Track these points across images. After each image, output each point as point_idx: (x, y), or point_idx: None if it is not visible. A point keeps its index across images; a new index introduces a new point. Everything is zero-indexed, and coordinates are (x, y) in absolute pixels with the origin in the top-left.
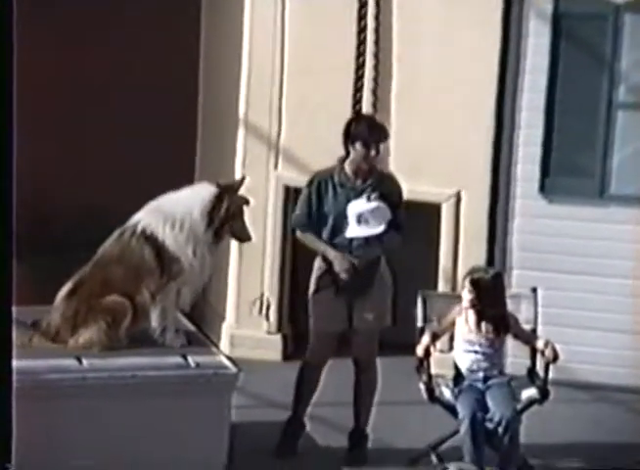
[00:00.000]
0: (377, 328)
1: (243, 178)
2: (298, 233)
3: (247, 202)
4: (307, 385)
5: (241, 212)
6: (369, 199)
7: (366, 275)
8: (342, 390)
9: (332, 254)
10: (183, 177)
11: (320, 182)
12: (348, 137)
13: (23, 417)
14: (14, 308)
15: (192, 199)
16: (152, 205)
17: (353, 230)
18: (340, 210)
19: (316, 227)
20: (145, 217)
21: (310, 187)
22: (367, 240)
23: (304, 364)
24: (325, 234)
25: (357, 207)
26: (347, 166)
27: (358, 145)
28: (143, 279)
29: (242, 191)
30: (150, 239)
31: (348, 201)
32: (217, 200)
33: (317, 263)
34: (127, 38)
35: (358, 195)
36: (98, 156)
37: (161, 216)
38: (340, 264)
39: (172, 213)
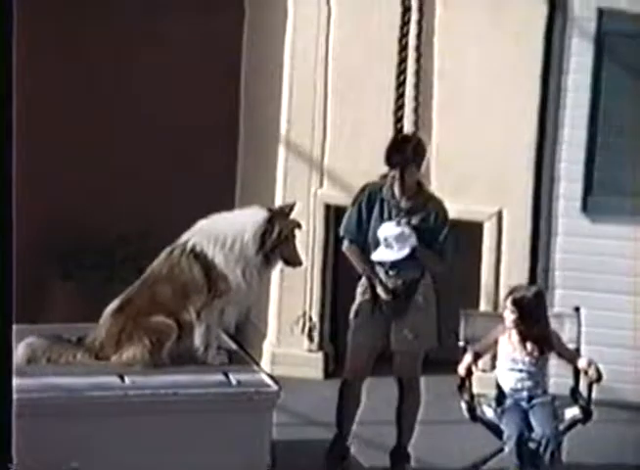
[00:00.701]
0: (417, 349)
1: (294, 204)
2: (346, 244)
3: (298, 226)
4: (347, 403)
5: (292, 237)
6: (398, 223)
7: (404, 296)
8: (384, 408)
9: (372, 275)
10: (224, 197)
11: (370, 193)
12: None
13: (65, 434)
14: (59, 326)
15: (244, 221)
16: (201, 223)
17: (379, 253)
18: (374, 230)
19: (362, 240)
20: (195, 236)
21: (361, 196)
22: (403, 261)
23: (343, 382)
24: (368, 248)
25: (385, 230)
26: (397, 183)
27: (388, 166)
28: (190, 297)
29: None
30: (199, 257)
31: (390, 218)
32: (269, 224)
33: (361, 280)
34: (167, 56)
35: (400, 214)
36: (141, 174)
37: (212, 236)
38: (380, 285)
39: (224, 234)
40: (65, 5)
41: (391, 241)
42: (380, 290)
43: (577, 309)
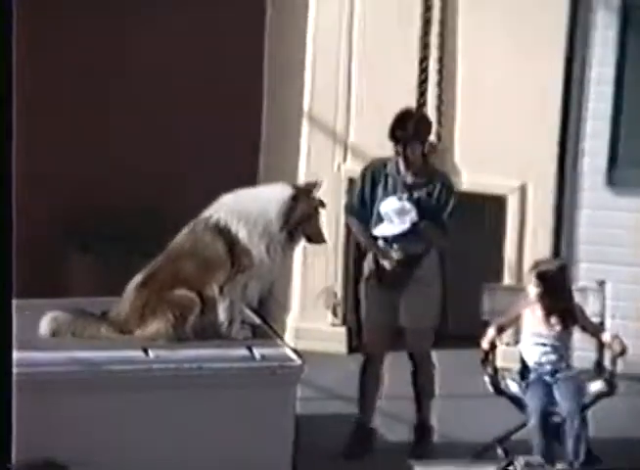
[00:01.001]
0: (423, 324)
1: (318, 182)
2: (348, 219)
3: (322, 204)
4: (368, 381)
5: (316, 215)
6: (400, 198)
7: (408, 271)
8: (406, 383)
9: (374, 248)
10: (246, 172)
11: (374, 171)
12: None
13: (89, 409)
14: (82, 299)
15: (269, 198)
16: (225, 198)
17: (380, 228)
18: (378, 207)
19: (366, 215)
20: (218, 211)
21: (365, 174)
22: (405, 236)
23: (364, 360)
24: (372, 223)
25: (387, 205)
26: (401, 160)
27: (391, 141)
28: (213, 272)
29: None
30: (223, 232)
31: (395, 193)
32: (294, 201)
33: (367, 258)
34: (190, 28)
35: (404, 189)
36: (164, 148)
37: (236, 211)
38: (383, 256)
39: (248, 210)
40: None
41: (392, 215)
42: (383, 261)
43: (602, 283)
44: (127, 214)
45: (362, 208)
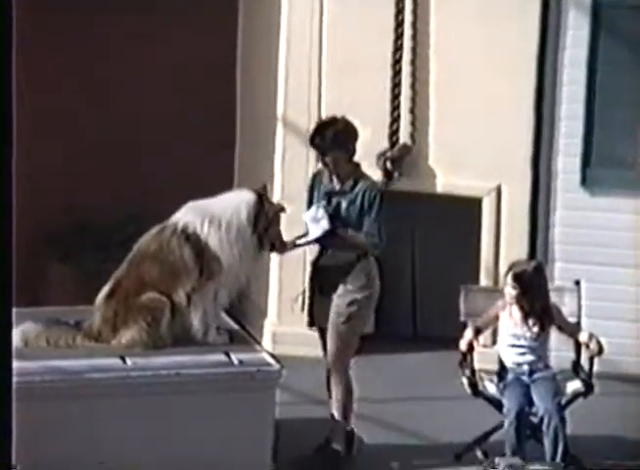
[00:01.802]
0: (344, 331)
1: (265, 185)
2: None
3: (282, 209)
4: (331, 384)
5: (278, 220)
6: (317, 207)
7: (335, 278)
8: (388, 385)
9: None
10: (222, 177)
11: (314, 179)
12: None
13: (66, 417)
14: (56, 309)
15: (237, 202)
16: (192, 205)
17: (304, 236)
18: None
19: None
20: (186, 216)
21: (311, 184)
22: (334, 244)
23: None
24: None
25: (306, 214)
26: (325, 168)
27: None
28: (180, 278)
29: (282, 187)
30: (190, 238)
31: (336, 202)
32: (260, 205)
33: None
34: (162, 37)
35: (325, 197)
36: (139, 156)
37: (206, 217)
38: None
39: (218, 215)
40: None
41: (309, 223)
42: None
43: (578, 283)
44: (107, 224)
45: None
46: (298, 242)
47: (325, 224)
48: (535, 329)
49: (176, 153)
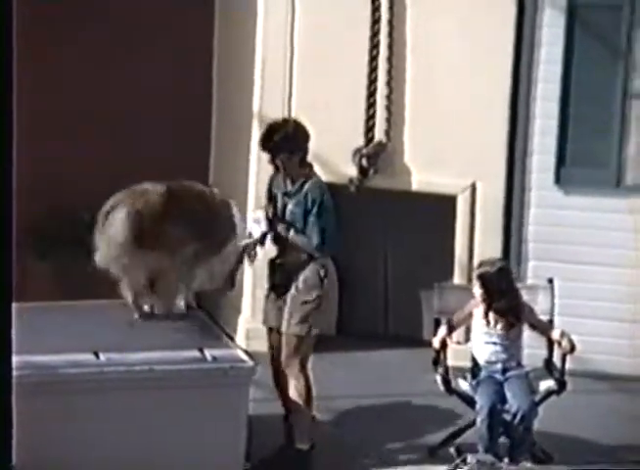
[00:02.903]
0: (298, 331)
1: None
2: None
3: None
4: (280, 379)
5: None
6: (263, 209)
7: (287, 278)
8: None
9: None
10: (198, 174)
11: (271, 182)
12: None
13: (40, 412)
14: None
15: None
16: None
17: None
18: (276, 211)
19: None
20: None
21: (267, 187)
22: (284, 244)
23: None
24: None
25: (249, 216)
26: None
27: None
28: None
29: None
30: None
31: (284, 203)
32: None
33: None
34: (139, 37)
35: (284, 197)
36: (113, 152)
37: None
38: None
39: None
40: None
41: (252, 225)
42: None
43: (551, 281)
44: (81, 220)
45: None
46: (244, 242)
47: (264, 227)
48: (505, 328)
49: (152, 150)
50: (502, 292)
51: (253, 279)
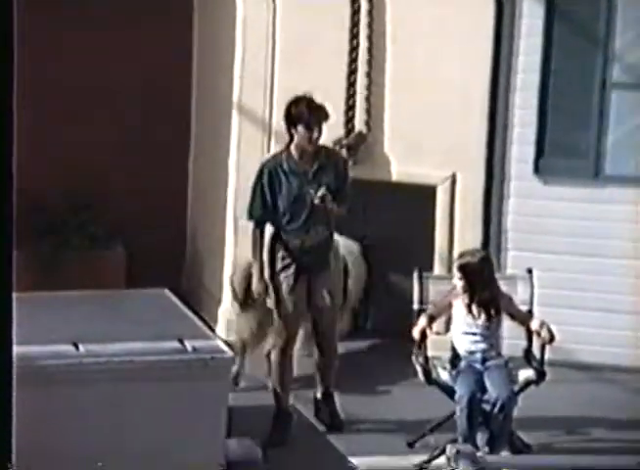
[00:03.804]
0: (335, 303)
1: None
2: (253, 230)
3: None
4: (288, 371)
5: None
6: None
7: (321, 254)
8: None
9: (257, 276)
10: (176, 164)
11: (270, 172)
12: (290, 120)
13: (19, 403)
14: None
15: None
16: None
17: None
18: (294, 197)
19: (272, 216)
20: None
21: (262, 179)
22: (319, 220)
23: (282, 352)
24: (281, 221)
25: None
26: (294, 151)
27: (301, 127)
28: None
29: (237, 172)
30: None
31: (301, 187)
32: None
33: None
34: (120, 22)
35: (312, 180)
36: (93, 141)
37: None
38: (255, 284)
39: None
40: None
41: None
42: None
43: (530, 271)
44: (61, 208)
45: (265, 214)
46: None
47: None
48: (486, 318)
49: (130, 139)
50: (484, 282)
51: (234, 270)
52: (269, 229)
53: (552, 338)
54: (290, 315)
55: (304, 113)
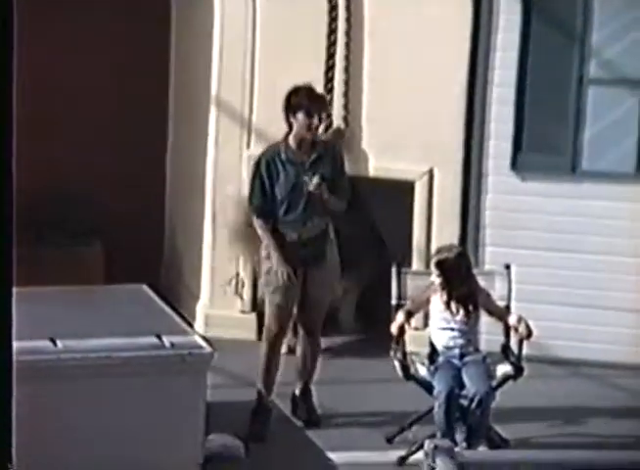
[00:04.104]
0: (328, 297)
1: None
2: (256, 220)
3: None
4: (274, 365)
5: None
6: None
7: (319, 246)
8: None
9: (275, 257)
10: (154, 159)
11: (268, 162)
12: (289, 109)
13: None
14: None
15: None
16: None
17: None
18: (291, 186)
19: (271, 206)
20: None
21: (260, 170)
22: (316, 211)
23: (270, 346)
24: (279, 212)
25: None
26: (292, 141)
27: (300, 115)
28: None
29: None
30: None
31: (298, 176)
32: None
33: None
34: (95, 18)
35: (308, 170)
36: (69, 137)
37: None
38: (280, 266)
39: None
40: None
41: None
42: (278, 269)
43: (508, 267)
44: (36, 202)
45: (264, 204)
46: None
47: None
48: (460, 314)
49: (108, 135)
50: (461, 278)
51: (211, 265)
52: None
53: (529, 333)
54: (283, 308)
55: (305, 100)
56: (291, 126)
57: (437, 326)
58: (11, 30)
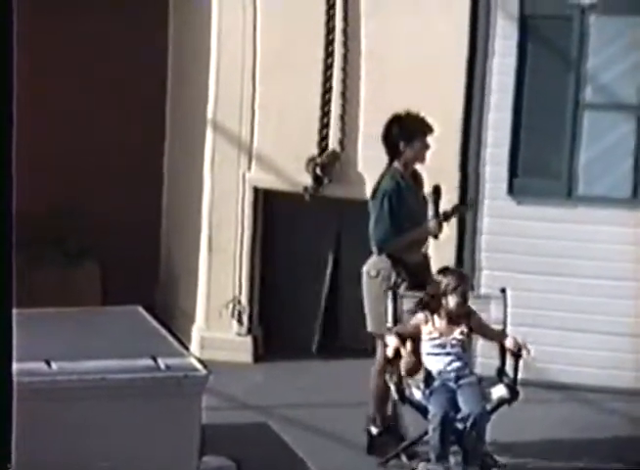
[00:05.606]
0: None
1: None
2: (377, 253)
3: None
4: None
5: None
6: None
7: (427, 269)
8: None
9: (427, 225)
10: (151, 178)
11: (391, 195)
12: (402, 136)
13: None
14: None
15: None
16: None
17: None
18: (412, 213)
19: (398, 230)
20: None
21: (389, 202)
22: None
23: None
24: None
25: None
26: (401, 168)
27: (417, 142)
28: None
29: (212, 193)
30: None
31: (412, 203)
32: None
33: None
34: (94, 37)
35: (418, 196)
36: (65, 154)
37: None
38: (433, 227)
39: None
40: None
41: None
42: (432, 230)
43: (504, 291)
44: (33, 220)
45: (391, 235)
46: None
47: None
48: (458, 337)
49: (104, 155)
50: (465, 298)
51: (207, 288)
52: None
53: (519, 349)
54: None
55: (425, 128)
56: (397, 153)
57: (432, 352)
58: (11, 34)
